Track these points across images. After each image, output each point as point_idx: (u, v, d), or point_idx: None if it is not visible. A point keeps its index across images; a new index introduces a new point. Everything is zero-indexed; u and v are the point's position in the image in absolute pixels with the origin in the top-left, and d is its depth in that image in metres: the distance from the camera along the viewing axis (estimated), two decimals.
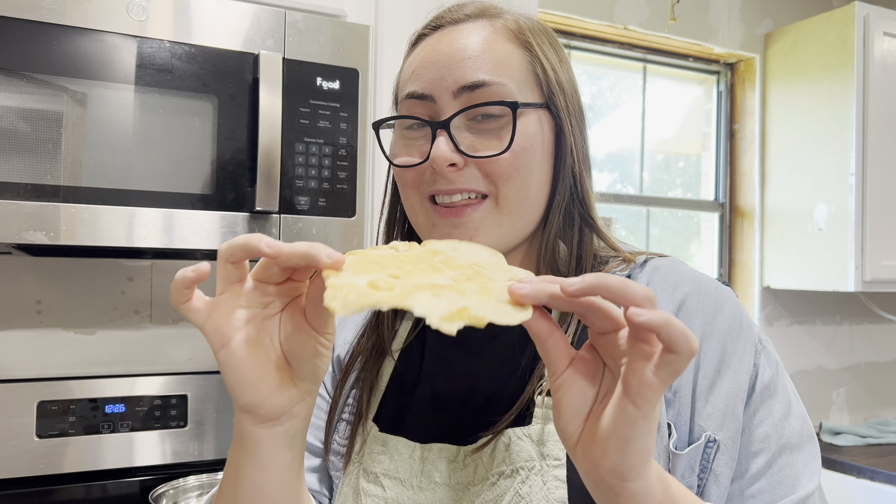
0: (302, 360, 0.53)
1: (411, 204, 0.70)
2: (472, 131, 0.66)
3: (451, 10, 0.71)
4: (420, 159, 0.67)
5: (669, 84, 2.61)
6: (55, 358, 1.53)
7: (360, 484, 0.69)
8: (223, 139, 1.22)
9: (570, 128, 0.70)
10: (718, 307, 0.67)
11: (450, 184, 0.65)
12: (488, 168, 0.65)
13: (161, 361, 1.61)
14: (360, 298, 0.44)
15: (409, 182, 0.69)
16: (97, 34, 1.15)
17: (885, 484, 2.10)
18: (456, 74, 0.66)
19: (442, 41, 0.68)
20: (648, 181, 2.56)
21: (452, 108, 0.66)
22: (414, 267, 0.50)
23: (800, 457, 0.64)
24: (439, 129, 0.65)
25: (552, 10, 2.17)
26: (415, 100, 0.68)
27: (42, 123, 1.11)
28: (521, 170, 0.66)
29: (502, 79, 0.66)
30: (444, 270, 0.50)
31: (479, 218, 0.66)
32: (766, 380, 0.66)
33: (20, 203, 1.09)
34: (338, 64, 1.30)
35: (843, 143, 2.29)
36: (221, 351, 0.51)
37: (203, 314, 0.51)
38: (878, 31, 2.27)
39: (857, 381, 2.74)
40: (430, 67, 0.67)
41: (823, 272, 2.35)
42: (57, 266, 1.53)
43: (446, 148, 0.65)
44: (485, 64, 0.66)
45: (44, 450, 1.42)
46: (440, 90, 0.66)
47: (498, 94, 0.65)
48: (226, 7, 1.24)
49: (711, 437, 0.63)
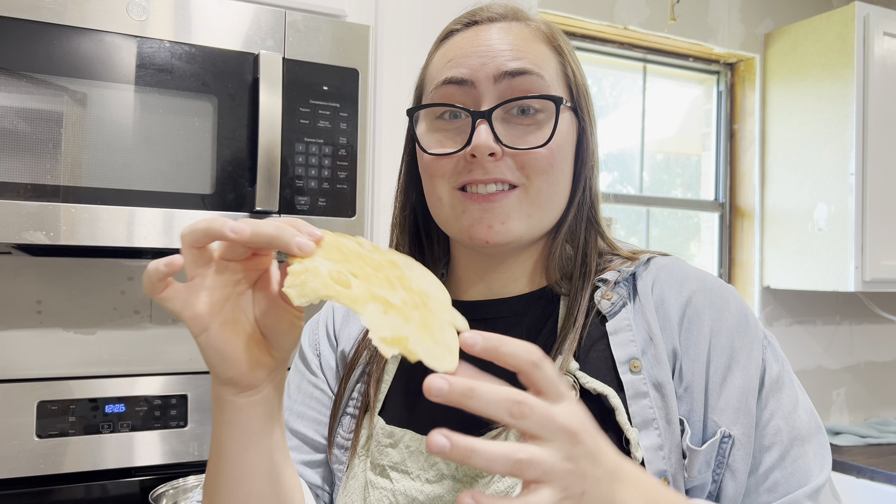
0: (278, 333, 0.55)
1: (438, 194, 0.70)
2: (510, 123, 0.67)
3: (484, 9, 0.73)
4: (455, 148, 0.68)
5: (669, 84, 2.61)
6: (55, 358, 1.53)
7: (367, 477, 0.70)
8: (223, 139, 1.22)
9: (591, 132, 0.72)
10: (725, 304, 0.68)
11: (486, 173, 0.66)
12: (524, 160, 0.67)
13: (161, 361, 1.61)
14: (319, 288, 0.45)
15: (441, 172, 0.69)
16: (97, 34, 1.15)
17: (885, 484, 2.10)
18: (498, 61, 0.67)
19: (480, 35, 0.70)
20: (648, 181, 2.56)
21: (492, 94, 0.67)
22: (373, 272, 0.51)
23: (810, 448, 0.65)
24: (480, 118, 0.66)
25: (552, 10, 2.17)
26: (453, 85, 0.68)
27: (42, 123, 1.11)
28: (554, 165, 0.68)
29: (542, 72, 0.68)
30: (396, 288, 0.51)
31: (510, 205, 0.67)
32: (774, 374, 0.67)
33: (20, 203, 1.09)
34: (338, 64, 1.30)
35: (843, 143, 2.29)
36: (202, 336, 0.52)
37: (179, 303, 0.51)
38: (878, 31, 2.27)
39: (857, 381, 2.74)
40: (470, 56, 0.68)
41: (823, 272, 2.35)
42: (57, 266, 1.53)
43: (488, 136, 0.65)
44: (524, 55, 0.68)
45: (44, 450, 1.42)
46: (481, 75, 0.67)
47: (537, 85, 0.67)
48: (226, 7, 1.24)
49: (726, 432, 0.64)
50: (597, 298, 0.69)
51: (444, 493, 0.66)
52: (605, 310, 0.69)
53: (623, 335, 0.67)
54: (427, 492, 0.66)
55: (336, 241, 0.52)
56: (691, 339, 0.67)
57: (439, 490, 0.66)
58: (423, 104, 0.71)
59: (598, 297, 0.69)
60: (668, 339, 0.67)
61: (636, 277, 0.71)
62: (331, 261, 0.49)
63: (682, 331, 0.67)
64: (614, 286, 0.69)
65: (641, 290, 0.70)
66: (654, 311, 0.68)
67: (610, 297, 0.69)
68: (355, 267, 0.50)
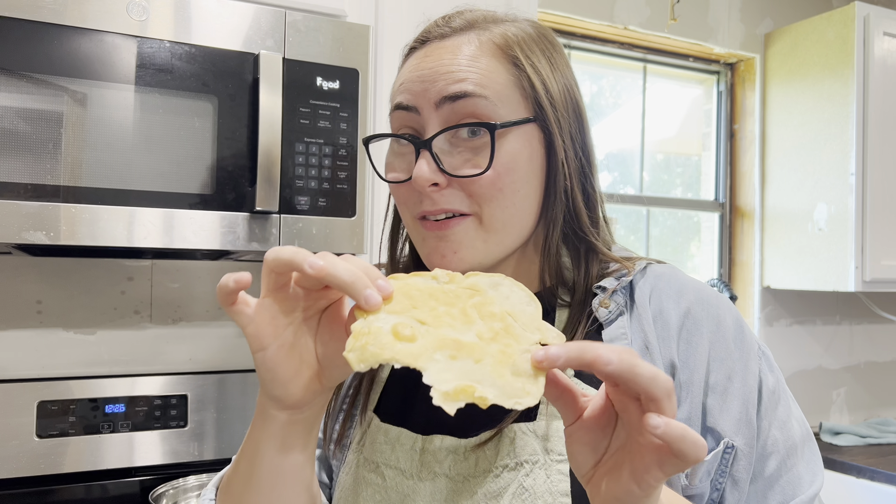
0: (333, 365, 0.56)
1: (406, 220, 0.71)
2: (457, 148, 0.66)
3: (438, 24, 0.71)
4: (407, 176, 0.68)
5: (669, 84, 2.61)
6: (55, 358, 1.53)
7: (360, 473, 0.71)
8: (223, 139, 1.22)
9: (562, 142, 0.69)
10: (722, 315, 0.69)
11: (434, 204, 0.66)
12: (471, 188, 0.65)
13: (161, 361, 1.61)
14: (378, 352, 0.46)
15: (402, 199, 0.70)
16: (97, 34, 1.15)
17: (885, 484, 2.10)
18: (438, 86, 0.66)
19: (428, 55, 0.68)
20: (648, 181, 2.56)
21: (435, 119, 0.66)
22: (446, 310, 0.50)
23: (803, 456, 0.67)
24: (422, 148, 0.65)
25: (552, 10, 2.17)
26: (401, 111, 0.68)
27: (42, 123, 1.11)
28: (504, 190, 0.66)
29: (485, 92, 0.65)
30: (474, 320, 0.50)
31: (463, 232, 0.66)
32: (771, 386, 0.68)
33: (20, 203, 1.09)
34: (338, 64, 1.30)
35: (843, 143, 2.29)
36: (259, 353, 0.54)
37: (246, 318, 0.53)
38: (878, 31, 2.27)
39: (857, 381, 2.74)
40: (415, 80, 0.67)
41: (823, 272, 2.35)
42: (57, 266, 1.53)
43: (427, 169, 0.65)
44: (466, 76, 0.65)
45: (44, 450, 1.42)
46: (423, 101, 0.66)
47: (479, 108, 0.65)
48: (226, 7, 1.23)
49: (730, 443, 0.65)
50: (594, 306, 0.69)
51: (436, 490, 0.66)
52: (602, 318, 0.68)
53: (619, 344, 0.67)
54: (419, 489, 0.67)
55: (404, 284, 0.52)
56: (691, 350, 0.67)
57: (432, 488, 0.66)
58: (374, 134, 0.73)
59: (596, 305, 0.69)
60: (665, 350, 0.67)
61: (633, 286, 0.70)
62: (396, 313, 0.49)
63: (681, 341, 0.67)
64: (612, 294, 0.69)
65: (639, 300, 0.69)
66: (652, 321, 0.68)
67: (607, 305, 0.69)
68: (424, 311, 0.49)
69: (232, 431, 1.58)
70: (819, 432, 2.53)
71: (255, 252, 1.28)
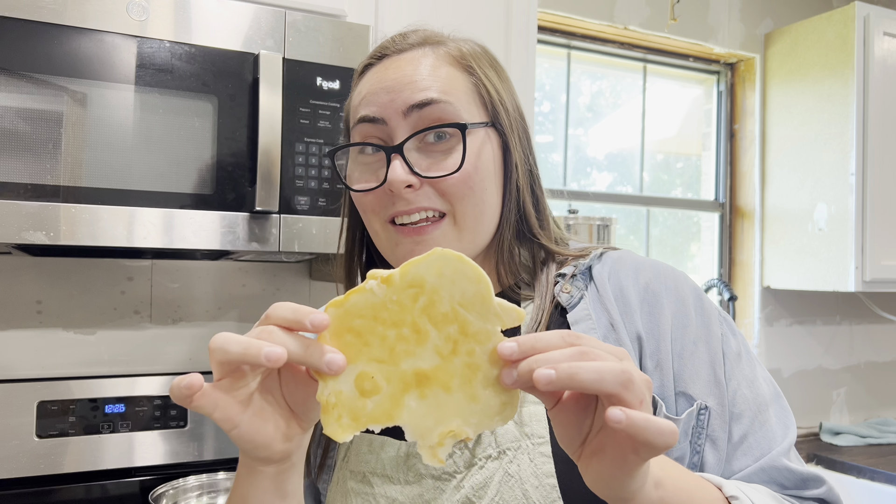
0: (307, 408, 0.55)
1: (374, 228, 0.73)
2: (425, 152, 0.69)
3: (394, 41, 0.75)
4: (377, 183, 0.70)
5: (669, 84, 2.61)
6: (55, 358, 1.53)
7: (348, 485, 0.72)
8: (223, 139, 1.22)
9: (515, 144, 0.74)
10: (680, 285, 0.73)
11: (408, 204, 0.68)
12: (443, 187, 0.69)
13: (161, 361, 1.61)
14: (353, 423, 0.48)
15: (370, 207, 0.72)
16: (97, 34, 1.15)
17: (885, 484, 2.10)
18: (404, 95, 0.69)
19: (389, 68, 0.72)
20: (648, 181, 2.56)
21: (403, 128, 0.69)
22: (396, 333, 0.49)
23: (773, 412, 0.70)
24: (393, 153, 0.68)
25: (552, 10, 2.17)
26: (367, 124, 0.71)
27: (42, 123, 1.11)
28: (475, 188, 0.70)
29: (449, 98, 0.69)
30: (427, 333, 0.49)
31: (440, 235, 0.69)
32: (734, 347, 0.72)
33: (20, 203, 1.09)
34: (338, 64, 1.30)
35: (843, 143, 2.29)
36: (233, 431, 0.53)
37: (209, 406, 0.51)
38: (878, 31, 2.27)
39: (857, 381, 2.74)
40: (379, 93, 0.70)
41: (823, 272, 2.35)
42: (57, 266, 1.53)
43: (402, 171, 0.68)
44: (431, 84, 0.69)
45: (44, 450, 1.42)
46: (391, 112, 0.69)
47: (446, 113, 0.69)
48: (226, 7, 1.24)
49: (703, 404, 0.68)
50: (556, 291, 0.73)
51: (424, 491, 0.68)
52: (565, 302, 0.72)
53: (584, 324, 0.70)
54: (407, 492, 0.68)
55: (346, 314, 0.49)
56: (654, 321, 0.70)
57: (419, 489, 0.68)
58: (339, 146, 0.74)
59: (558, 291, 0.73)
60: (630, 325, 0.70)
61: (591, 271, 0.74)
62: (351, 360, 0.49)
63: (644, 314, 0.71)
64: (571, 279, 0.73)
65: (598, 282, 0.73)
66: (614, 300, 0.72)
67: (568, 289, 0.73)
68: (375, 346, 0.49)
69: None
70: (819, 432, 2.53)
71: (255, 252, 1.28)
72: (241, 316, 1.69)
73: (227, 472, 1.47)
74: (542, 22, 2.20)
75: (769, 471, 0.67)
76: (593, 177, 2.49)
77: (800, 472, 0.68)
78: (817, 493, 0.69)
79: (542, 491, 0.64)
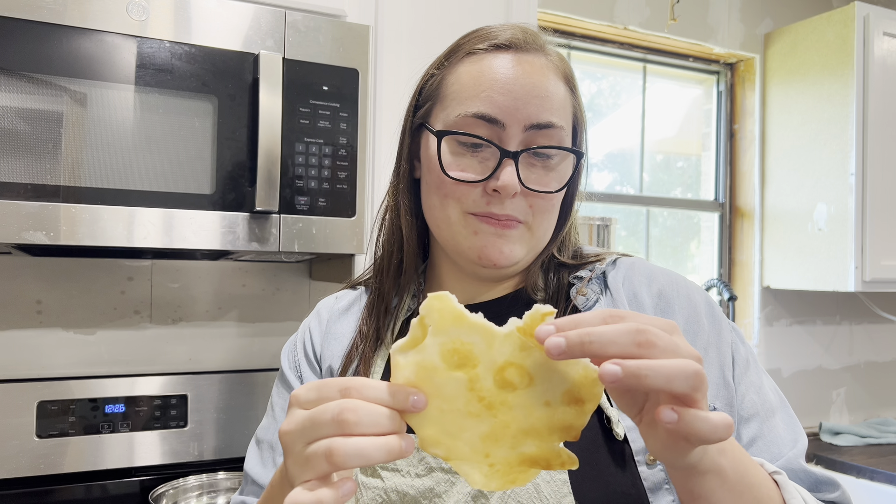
0: None
1: (448, 214, 0.73)
2: (529, 165, 0.72)
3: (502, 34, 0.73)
4: (479, 177, 0.71)
5: (669, 84, 2.61)
6: (55, 358, 1.53)
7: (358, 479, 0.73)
8: (223, 139, 1.22)
9: (587, 163, 0.79)
10: (692, 293, 0.75)
11: (503, 209, 0.71)
12: (535, 201, 0.72)
13: (161, 361, 1.61)
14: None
15: (458, 195, 0.72)
16: (97, 34, 1.15)
17: (885, 484, 2.10)
18: (530, 110, 0.70)
19: (515, 69, 0.71)
20: (648, 181, 2.56)
21: (519, 137, 0.71)
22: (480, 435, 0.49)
23: (780, 419, 0.72)
24: (509, 158, 0.70)
25: (552, 10, 2.17)
26: (482, 120, 0.71)
27: (42, 123, 1.11)
28: (555, 206, 0.75)
29: (562, 122, 0.72)
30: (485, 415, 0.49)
31: (518, 234, 0.72)
32: (743, 354, 0.74)
33: (20, 203, 1.09)
34: (338, 64, 1.30)
35: (843, 143, 2.29)
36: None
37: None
38: (878, 31, 2.27)
39: (857, 381, 2.74)
40: (504, 94, 0.70)
41: (823, 272, 2.35)
42: (57, 266, 1.53)
43: (514, 177, 0.70)
44: (552, 106, 0.72)
45: (44, 450, 1.42)
46: (513, 120, 0.70)
47: (559, 136, 0.72)
48: (226, 7, 1.24)
49: (712, 406, 0.69)
50: (572, 294, 0.75)
51: (434, 484, 0.69)
52: (581, 304, 0.74)
53: None
54: (417, 486, 0.69)
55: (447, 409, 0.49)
56: None
57: (429, 483, 0.69)
58: (454, 130, 0.72)
59: (574, 294, 0.75)
60: None
61: (606, 276, 0.77)
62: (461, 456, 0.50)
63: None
64: (588, 283, 0.75)
65: (613, 287, 0.76)
66: (628, 305, 0.74)
67: (584, 293, 0.75)
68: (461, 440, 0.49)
69: (232, 431, 1.58)
70: (819, 432, 2.53)
71: (255, 252, 1.28)
72: (241, 316, 1.69)
73: (227, 472, 1.47)
74: (541, 22, 2.20)
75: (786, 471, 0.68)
76: (593, 177, 2.49)
77: (816, 475, 0.69)
78: (831, 497, 0.69)
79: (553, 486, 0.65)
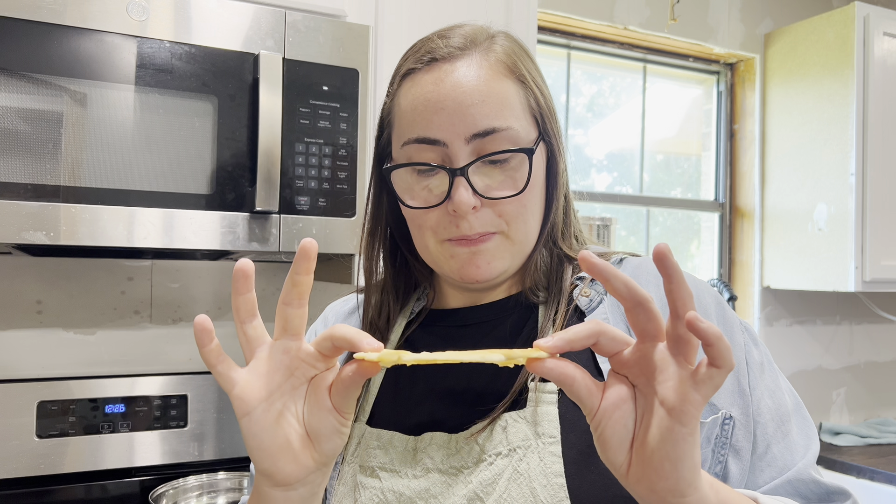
0: (321, 436, 0.55)
1: (425, 243, 0.72)
2: (484, 173, 0.69)
3: (440, 43, 0.71)
4: (437, 201, 0.69)
5: (669, 84, 2.61)
6: (55, 358, 1.53)
7: (357, 479, 0.72)
8: (223, 139, 1.22)
9: (560, 151, 0.73)
10: (701, 293, 0.72)
11: (471, 228, 0.68)
12: (501, 208, 0.69)
13: (161, 361, 1.61)
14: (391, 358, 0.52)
15: (428, 224, 0.71)
16: (97, 34, 1.15)
17: (885, 484, 2.10)
18: (467, 122, 0.67)
19: (442, 82, 0.68)
20: (648, 181, 2.56)
21: (464, 151, 0.68)
22: None
23: (795, 423, 0.70)
24: (458, 176, 0.67)
25: (552, 10, 2.17)
26: (426, 144, 0.69)
27: (42, 123, 1.11)
28: (528, 206, 0.70)
29: (509, 122, 0.68)
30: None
31: (494, 248, 0.70)
32: (757, 357, 0.71)
33: (20, 203, 1.09)
34: (338, 64, 1.30)
35: (843, 143, 2.29)
36: (244, 419, 0.53)
37: (230, 381, 0.53)
38: (878, 31, 2.27)
39: (857, 381, 2.74)
40: (438, 112, 0.68)
41: (823, 272, 2.35)
42: (57, 266, 1.53)
43: (467, 194, 0.67)
44: (491, 109, 0.67)
45: (44, 450, 1.42)
46: (452, 136, 0.67)
47: (507, 138, 0.68)
48: (226, 7, 1.24)
49: (727, 414, 0.67)
50: (575, 295, 0.73)
51: (431, 485, 0.68)
52: (584, 306, 0.72)
53: None
54: (414, 486, 0.69)
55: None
56: None
57: (426, 483, 0.68)
58: (398, 164, 0.71)
59: (577, 294, 0.73)
60: None
61: None
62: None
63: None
64: (591, 283, 0.73)
65: None
66: None
67: (588, 293, 0.72)
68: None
69: (232, 431, 1.58)
70: (819, 432, 2.53)
71: (255, 252, 1.28)
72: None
73: (227, 472, 1.47)
74: (541, 22, 2.20)
75: (796, 483, 0.67)
76: (593, 177, 2.49)
77: (826, 486, 0.68)
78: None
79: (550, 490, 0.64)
